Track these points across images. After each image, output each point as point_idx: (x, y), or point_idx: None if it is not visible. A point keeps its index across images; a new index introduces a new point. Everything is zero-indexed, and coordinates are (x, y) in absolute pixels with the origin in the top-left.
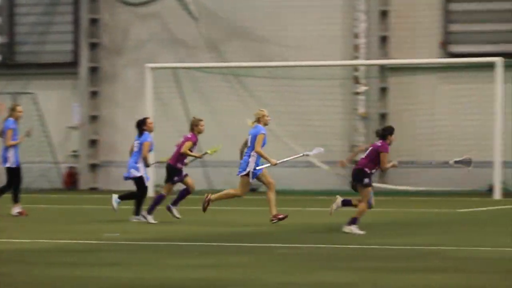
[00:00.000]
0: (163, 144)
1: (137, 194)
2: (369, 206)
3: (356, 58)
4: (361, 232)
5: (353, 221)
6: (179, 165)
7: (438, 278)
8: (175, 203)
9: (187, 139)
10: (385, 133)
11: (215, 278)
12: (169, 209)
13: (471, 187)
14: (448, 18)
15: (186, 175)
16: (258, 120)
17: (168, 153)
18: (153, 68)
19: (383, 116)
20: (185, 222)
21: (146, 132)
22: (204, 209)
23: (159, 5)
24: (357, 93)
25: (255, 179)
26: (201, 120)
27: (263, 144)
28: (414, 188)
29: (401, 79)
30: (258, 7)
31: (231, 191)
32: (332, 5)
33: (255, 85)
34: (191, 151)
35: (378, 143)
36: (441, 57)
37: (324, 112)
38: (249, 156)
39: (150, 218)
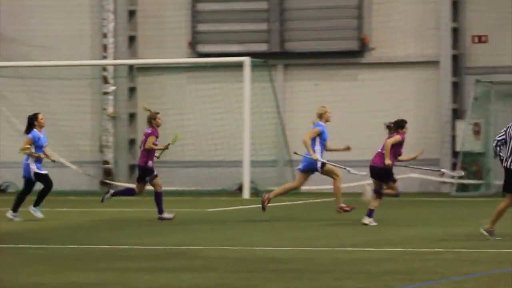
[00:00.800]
0: None
1: (45, 190)
2: (397, 195)
3: (104, 57)
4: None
5: (370, 213)
6: (149, 164)
7: (188, 278)
8: (160, 211)
9: (148, 135)
10: (397, 125)
11: None
12: (161, 218)
13: (220, 187)
14: (196, 18)
15: (156, 175)
16: (320, 116)
17: None
18: None
19: (132, 116)
20: None
21: (34, 129)
22: (264, 208)
23: None
24: (106, 93)
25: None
26: (157, 113)
27: (325, 139)
28: (164, 188)
29: (150, 79)
30: (3, 6)
31: (291, 184)
32: (79, 4)
33: (3, 85)
34: (155, 145)
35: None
36: (189, 57)
37: (73, 112)
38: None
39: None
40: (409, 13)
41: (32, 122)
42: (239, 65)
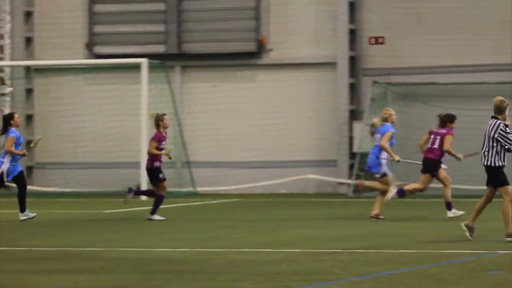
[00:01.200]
0: None
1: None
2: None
3: (1, 59)
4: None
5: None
6: (156, 164)
7: (86, 279)
8: (152, 212)
9: (151, 139)
10: (445, 120)
11: None
12: (150, 220)
13: (118, 188)
14: (93, 19)
15: (164, 179)
16: (385, 119)
17: None
18: None
19: (29, 117)
20: None
21: (12, 128)
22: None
23: None
24: (3, 94)
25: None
26: (164, 115)
27: (393, 142)
28: (60, 189)
29: (47, 80)
30: None
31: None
32: None
33: None
34: (158, 148)
35: (443, 130)
36: (86, 58)
37: None
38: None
39: (157, 217)
40: (306, 14)
41: (8, 121)
42: (137, 67)
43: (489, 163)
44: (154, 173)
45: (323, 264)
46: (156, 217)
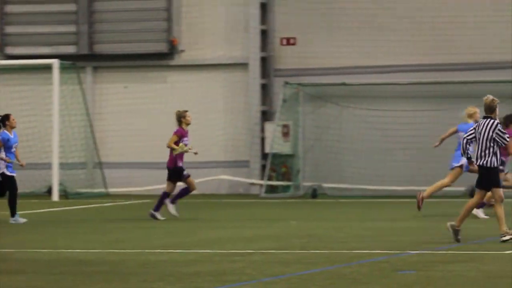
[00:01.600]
0: None
1: (11, 195)
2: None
3: None
4: None
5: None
6: (179, 164)
7: None
8: (174, 199)
9: (173, 134)
10: (507, 121)
11: None
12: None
13: (29, 189)
14: (4, 20)
15: (189, 175)
16: (470, 115)
17: None
18: None
19: None
20: None
21: (4, 130)
22: (419, 208)
23: None
24: None
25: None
26: (186, 111)
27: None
28: None
29: None
30: None
31: (444, 181)
32: None
33: None
34: (177, 144)
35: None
36: None
37: None
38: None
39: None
40: (218, 15)
41: (3, 122)
42: (48, 68)
43: (485, 164)
44: (177, 173)
45: (235, 264)
46: (171, 208)
